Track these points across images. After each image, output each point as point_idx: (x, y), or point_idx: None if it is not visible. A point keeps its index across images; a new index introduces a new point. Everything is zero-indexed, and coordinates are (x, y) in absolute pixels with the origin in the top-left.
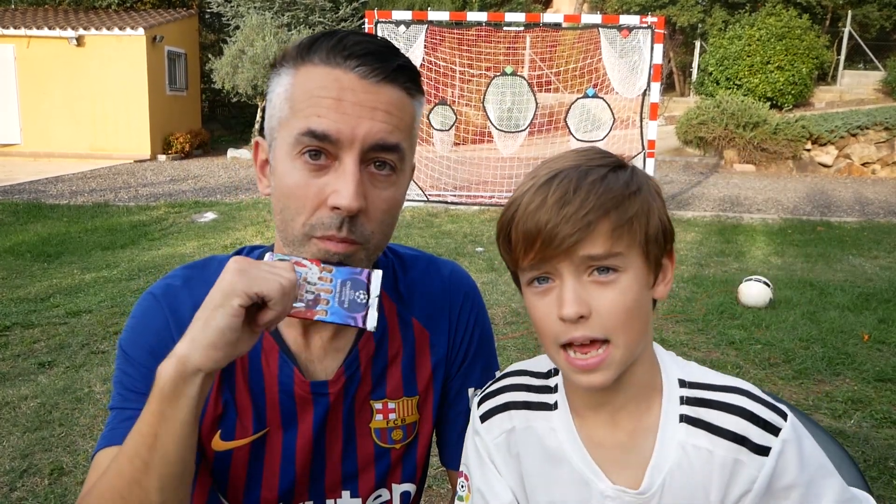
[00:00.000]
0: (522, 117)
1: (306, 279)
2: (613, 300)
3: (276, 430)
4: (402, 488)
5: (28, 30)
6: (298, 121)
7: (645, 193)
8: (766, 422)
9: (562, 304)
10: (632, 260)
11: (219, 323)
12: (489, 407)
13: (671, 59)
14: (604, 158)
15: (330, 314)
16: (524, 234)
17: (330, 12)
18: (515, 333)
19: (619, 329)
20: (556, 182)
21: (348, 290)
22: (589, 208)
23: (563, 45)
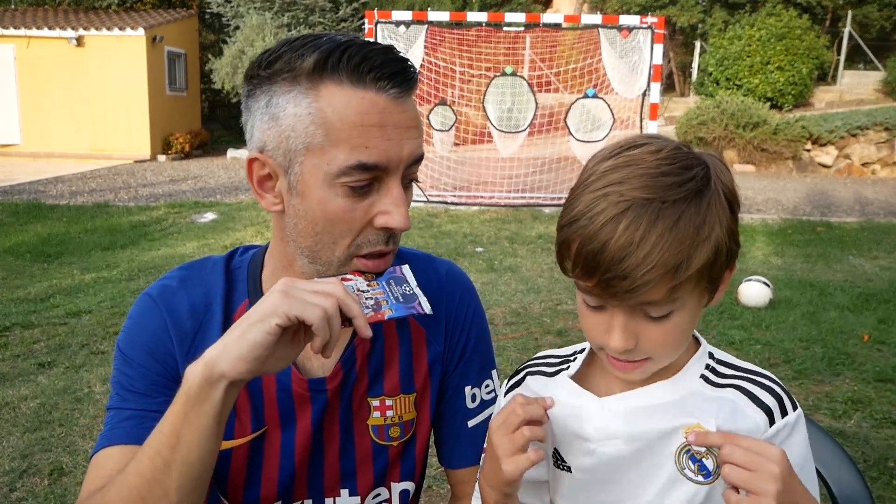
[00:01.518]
0: (522, 117)
1: (359, 289)
2: (663, 334)
3: (275, 428)
4: (401, 487)
5: (28, 30)
6: (342, 152)
7: (717, 231)
8: (779, 396)
9: (610, 335)
10: (689, 298)
11: (254, 337)
12: (512, 382)
13: (671, 60)
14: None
15: (395, 311)
16: (583, 264)
17: (330, 12)
18: (515, 334)
19: (662, 354)
20: (625, 223)
21: (395, 287)
22: (649, 267)
23: (563, 45)
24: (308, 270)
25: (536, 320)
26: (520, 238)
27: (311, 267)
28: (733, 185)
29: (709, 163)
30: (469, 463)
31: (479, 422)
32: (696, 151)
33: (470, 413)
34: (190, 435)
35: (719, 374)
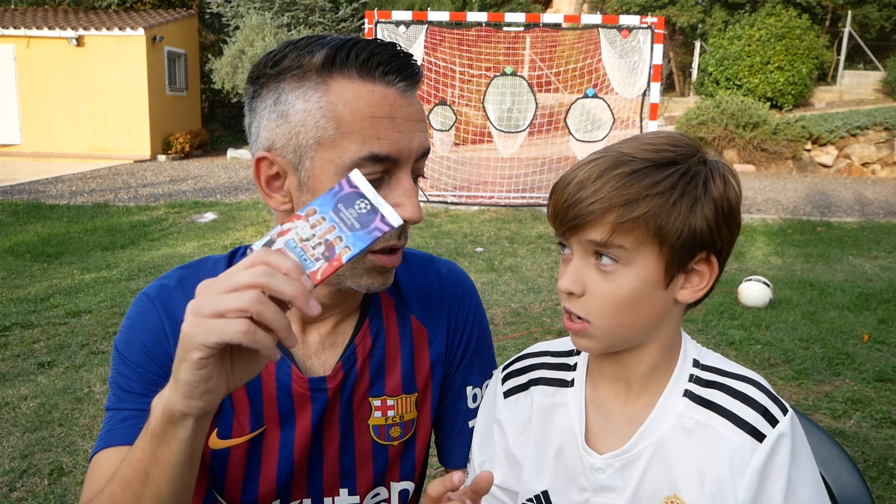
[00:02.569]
0: (522, 117)
1: (301, 238)
2: (605, 290)
3: (274, 427)
4: (401, 486)
5: (28, 30)
6: (354, 144)
7: (674, 196)
8: (766, 410)
9: (562, 278)
10: (637, 257)
11: (186, 377)
12: (513, 385)
13: (671, 60)
14: (658, 152)
15: (353, 246)
16: (552, 206)
17: (330, 13)
18: (515, 334)
19: (600, 316)
20: (591, 165)
21: (346, 212)
22: (597, 199)
23: (563, 45)
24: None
25: (536, 320)
26: (520, 238)
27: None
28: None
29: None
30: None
31: None
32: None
33: (471, 413)
34: (158, 473)
35: (704, 382)
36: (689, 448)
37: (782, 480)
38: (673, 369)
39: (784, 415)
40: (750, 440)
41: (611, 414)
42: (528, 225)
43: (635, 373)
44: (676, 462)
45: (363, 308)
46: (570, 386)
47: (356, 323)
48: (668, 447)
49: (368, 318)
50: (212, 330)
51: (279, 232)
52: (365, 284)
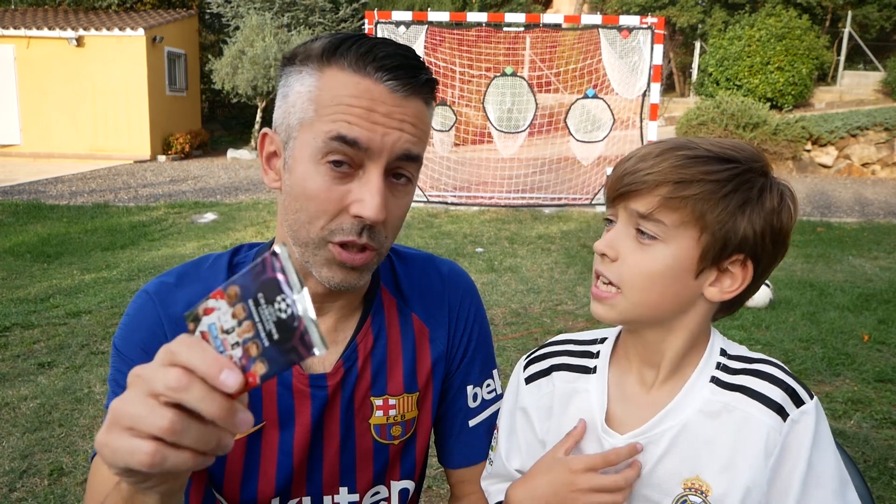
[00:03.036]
0: (522, 118)
1: (223, 328)
2: (639, 259)
3: (273, 424)
4: (401, 485)
5: (28, 30)
6: (326, 125)
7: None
8: (794, 391)
9: (601, 241)
10: (677, 237)
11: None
12: (535, 370)
13: (671, 60)
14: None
15: (267, 365)
16: (611, 178)
17: (330, 13)
18: (515, 334)
19: (631, 285)
20: (656, 144)
21: (266, 308)
22: (654, 171)
23: (563, 45)
24: (295, 252)
25: (536, 320)
26: (520, 238)
27: (296, 249)
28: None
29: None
30: (469, 462)
31: (479, 421)
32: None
33: (471, 412)
34: None
35: (731, 370)
36: (716, 431)
37: (803, 462)
38: (700, 358)
39: (810, 398)
40: (779, 420)
41: (634, 400)
42: (528, 225)
43: (662, 360)
44: (701, 445)
45: (365, 306)
46: (593, 373)
47: (358, 321)
48: (692, 431)
49: (370, 316)
50: (117, 454)
51: (205, 309)
52: (326, 277)
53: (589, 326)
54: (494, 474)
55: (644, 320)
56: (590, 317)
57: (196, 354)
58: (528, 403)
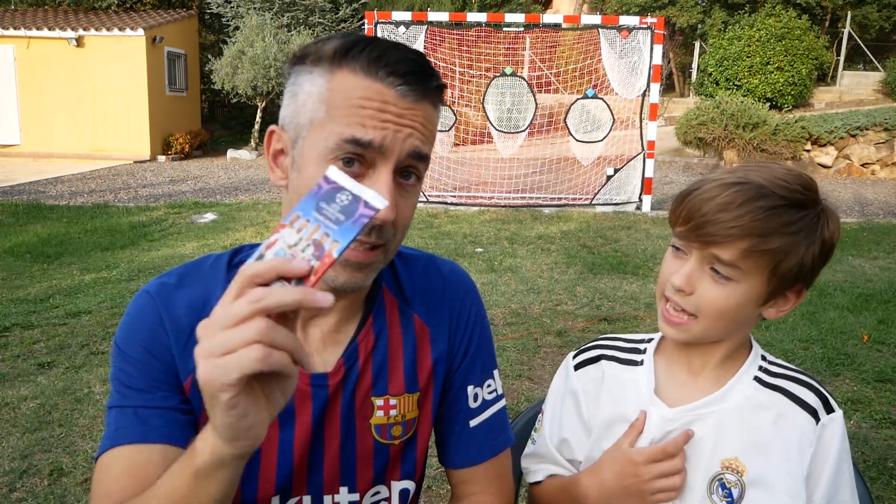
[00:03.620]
0: (522, 118)
1: (289, 244)
2: (714, 297)
3: (273, 423)
4: (401, 485)
5: (28, 30)
6: (338, 126)
7: (800, 238)
8: (826, 399)
9: (677, 274)
10: (751, 278)
11: (223, 421)
12: (584, 358)
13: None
14: (792, 192)
15: (342, 239)
16: (687, 211)
17: (330, 13)
18: (515, 334)
19: (706, 316)
20: (736, 189)
21: (329, 208)
22: (738, 224)
23: (563, 45)
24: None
25: (536, 320)
26: (520, 238)
27: None
28: (834, 239)
29: (825, 204)
30: (470, 463)
31: (480, 421)
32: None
33: (472, 413)
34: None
35: (772, 373)
36: (756, 422)
37: (832, 461)
38: (743, 361)
39: (840, 408)
40: (812, 421)
41: (680, 385)
42: (528, 225)
43: (706, 364)
44: (741, 431)
45: (366, 307)
46: (640, 365)
47: (359, 321)
48: (735, 417)
49: (372, 316)
50: (229, 366)
51: (266, 245)
52: (330, 277)
53: (589, 326)
54: (535, 454)
55: (708, 339)
56: (590, 317)
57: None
58: (577, 388)
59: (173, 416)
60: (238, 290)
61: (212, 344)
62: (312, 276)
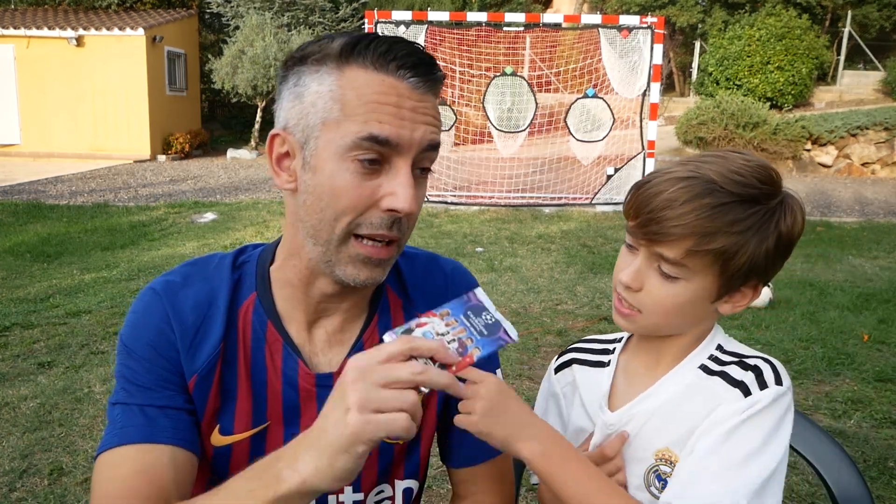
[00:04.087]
0: (522, 117)
1: (437, 332)
2: (662, 295)
3: (278, 423)
4: (405, 485)
5: (28, 30)
6: (356, 125)
7: (749, 235)
8: (761, 374)
9: (625, 270)
10: (699, 276)
11: (345, 465)
12: (562, 361)
13: (671, 60)
14: (744, 186)
15: (483, 348)
16: (635, 206)
17: (330, 13)
18: None
19: (651, 311)
20: (682, 185)
21: (475, 319)
22: (681, 223)
23: (563, 45)
24: (313, 255)
25: (536, 320)
26: (520, 238)
27: (315, 249)
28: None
29: (785, 198)
30: (472, 462)
31: None
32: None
33: None
34: None
35: (720, 361)
36: (690, 409)
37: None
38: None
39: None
40: (739, 394)
41: (637, 383)
42: (528, 225)
43: (665, 354)
44: (674, 420)
45: (371, 307)
46: (606, 366)
47: (364, 321)
48: (671, 406)
49: (377, 315)
50: (380, 425)
51: (417, 324)
52: (351, 275)
53: (589, 326)
54: None
55: (660, 333)
56: (590, 316)
57: (424, 343)
58: (557, 391)
59: (179, 417)
60: (395, 354)
61: (369, 396)
62: (454, 368)
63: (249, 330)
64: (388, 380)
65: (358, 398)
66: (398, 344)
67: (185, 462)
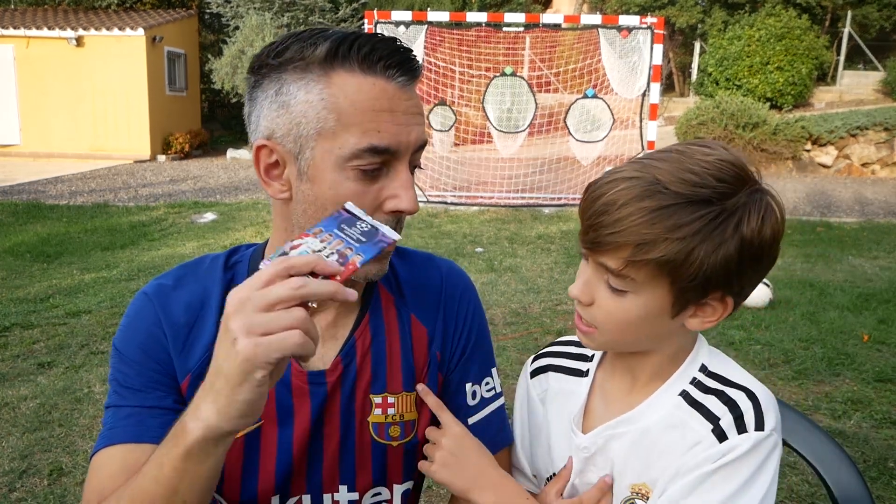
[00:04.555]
0: (522, 118)
1: (314, 250)
2: (612, 309)
3: (271, 422)
4: (402, 487)
5: (28, 30)
6: (354, 136)
7: (695, 241)
8: (741, 416)
9: (576, 282)
10: (648, 288)
11: (246, 397)
12: (537, 366)
13: (671, 60)
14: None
15: (364, 253)
16: (581, 209)
17: (330, 13)
18: (515, 334)
19: (605, 328)
20: (624, 186)
21: (350, 230)
22: (615, 230)
23: (563, 45)
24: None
25: (536, 320)
26: (520, 238)
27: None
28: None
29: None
30: None
31: (479, 419)
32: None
33: (471, 410)
34: (188, 487)
35: (704, 387)
36: (669, 443)
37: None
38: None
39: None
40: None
41: (613, 402)
42: (528, 225)
43: (641, 372)
44: (652, 454)
45: (363, 303)
46: (585, 376)
47: (356, 317)
48: (648, 439)
49: (368, 313)
50: (272, 346)
51: (291, 246)
52: (361, 273)
53: None
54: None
55: (626, 349)
56: None
57: (299, 259)
58: (534, 395)
59: (168, 417)
60: (272, 276)
61: (252, 322)
62: (338, 277)
63: None
64: (268, 301)
65: (241, 325)
66: (272, 266)
67: None
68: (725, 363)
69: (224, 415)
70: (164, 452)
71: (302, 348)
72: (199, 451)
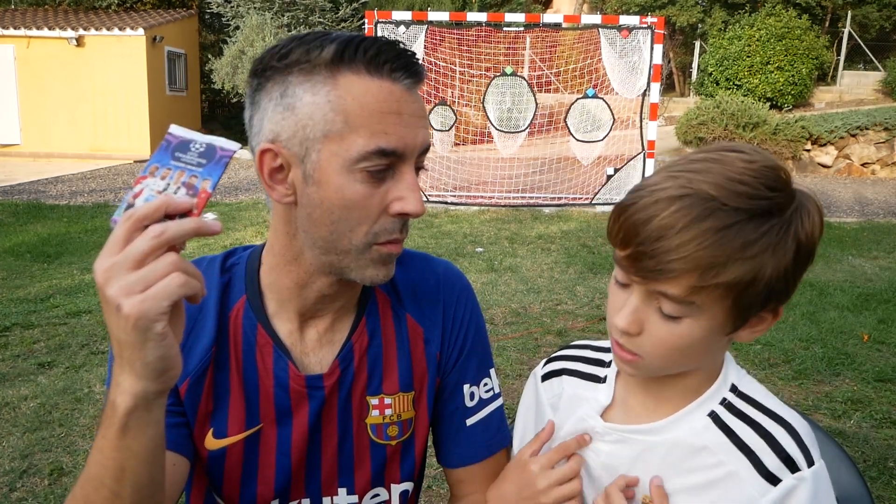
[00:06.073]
0: (522, 118)
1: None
2: (664, 335)
3: (271, 425)
4: (401, 487)
5: (28, 30)
6: (362, 138)
7: (766, 258)
8: (788, 456)
9: (619, 313)
10: (708, 311)
11: (154, 354)
12: (549, 370)
13: (671, 60)
14: (752, 198)
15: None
16: (623, 234)
17: (330, 12)
18: (515, 334)
19: (655, 356)
20: (676, 207)
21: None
22: (680, 256)
23: (563, 45)
24: (318, 262)
25: (536, 320)
26: (520, 238)
27: (322, 258)
28: (814, 237)
29: (800, 200)
30: (468, 462)
31: (477, 420)
32: (794, 184)
33: (469, 411)
34: (135, 463)
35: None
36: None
37: None
38: (707, 388)
39: (808, 466)
40: (760, 481)
41: (635, 409)
42: (528, 225)
43: (670, 388)
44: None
45: (360, 306)
46: (602, 382)
47: (353, 321)
48: (672, 454)
49: (365, 316)
50: (158, 296)
51: (133, 195)
52: (369, 276)
53: (589, 326)
54: None
55: (668, 373)
56: (590, 317)
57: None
58: (544, 401)
59: (167, 420)
60: (127, 234)
61: (127, 282)
62: (195, 210)
63: (240, 332)
64: (134, 259)
65: (118, 289)
66: (123, 224)
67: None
68: (751, 383)
69: (144, 377)
70: (102, 435)
71: (186, 288)
72: (135, 423)
